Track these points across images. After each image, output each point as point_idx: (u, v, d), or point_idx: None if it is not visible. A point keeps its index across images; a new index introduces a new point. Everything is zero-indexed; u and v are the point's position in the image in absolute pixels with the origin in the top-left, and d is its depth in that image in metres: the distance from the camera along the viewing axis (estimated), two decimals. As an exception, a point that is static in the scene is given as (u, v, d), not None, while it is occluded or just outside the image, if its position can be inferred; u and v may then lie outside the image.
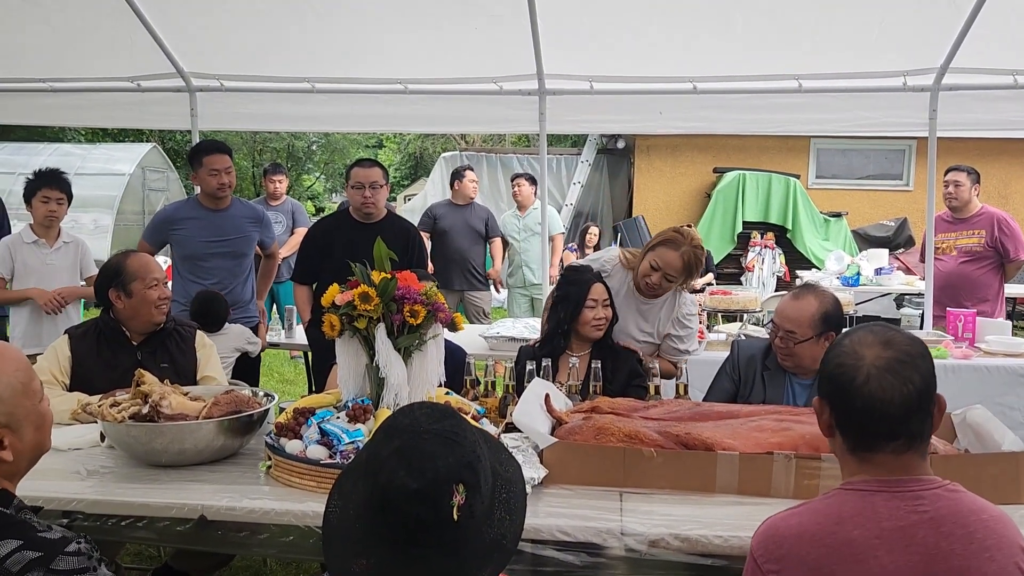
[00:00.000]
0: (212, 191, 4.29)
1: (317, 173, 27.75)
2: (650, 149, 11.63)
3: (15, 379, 1.44)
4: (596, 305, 3.08)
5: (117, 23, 4.69)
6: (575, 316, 3.08)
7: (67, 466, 2.34)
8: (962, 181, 5.07)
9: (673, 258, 3.24)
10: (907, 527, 1.38)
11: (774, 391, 2.90)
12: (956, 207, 5.12)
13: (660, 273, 3.27)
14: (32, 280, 4.39)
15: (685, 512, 2.06)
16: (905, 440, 1.43)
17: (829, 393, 1.49)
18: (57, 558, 1.33)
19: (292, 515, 2.05)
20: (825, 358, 1.52)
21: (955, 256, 5.10)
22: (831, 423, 1.50)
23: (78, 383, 2.90)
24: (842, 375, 1.45)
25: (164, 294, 3.04)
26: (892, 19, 4.31)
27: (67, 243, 4.51)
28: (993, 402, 3.97)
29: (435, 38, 4.74)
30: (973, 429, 2.40)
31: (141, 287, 2.97)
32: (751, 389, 2.96)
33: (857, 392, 1.42)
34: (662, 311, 3.44)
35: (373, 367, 2.34)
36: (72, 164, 13.59)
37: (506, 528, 1.27)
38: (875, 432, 1.43)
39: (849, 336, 1.51)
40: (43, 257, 4.42)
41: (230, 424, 2.35)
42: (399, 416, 1.28)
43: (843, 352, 1.47)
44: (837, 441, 1.51)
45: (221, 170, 4.24)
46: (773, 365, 2.94)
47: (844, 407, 1.46)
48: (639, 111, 5.12)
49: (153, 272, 3.03)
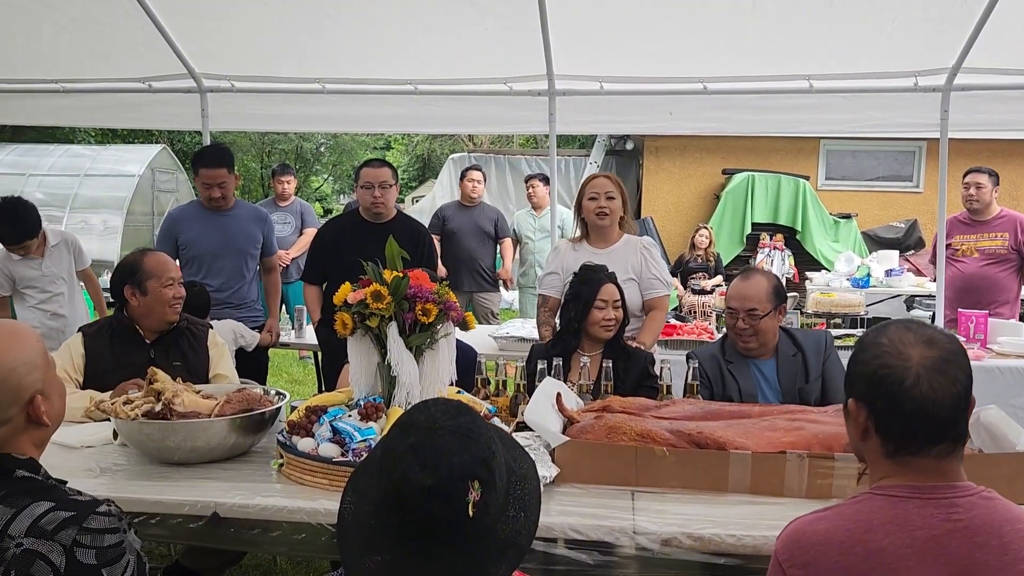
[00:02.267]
0: (205, 201, 4.35)
1: (325, 175, 27.83)
2: (659, 150, 11.62)
3: (41, 348, 1.49)
4: (606, 306, 3.07)
5: (128, 24, 4.70)
6: (584, 316, 3.08)
7: (80, 464, 2.35)
8: (984, 183, 4.99)
9: (602, 181, 3.66)
10: (940, 536, 1.33)
11: (745, 381, 2.97)
12: (976, 209, 5.04)
13: (599, 199, 3.59)
14: (34, 290, 4.48)
15: (697, 511, 2.05)
16: (950, 443, 1.39)
17: (871, 395, 1.41)
18: (89, 517, 1.38)
19: (304, 512, 2.05)
20: (860, 359, 1.44)
21: (976, 258, 5.02)
22: (867, 426, 1.43)
23: (91, 381, 2.92)
24: (888, 376, 1.38)
25: (179, 293, 3.06)
26: (903, 19, 4.28)
27: (55, 245, 4.55)
28: (1006, 403, 3.94)
29: (445, 39, 4.74)
30: (987, 429, 2.39)
31: (157, 285, 2.99)
32: (723, 386, 3.00)
33: (907, 394, 1.36)
34: (625, 252, 3.59)
35: (385, 365, 2.34)
36: (82, 165, 13.66)
37: (520, 525, 1.26)
38: (924, 436, 1.38)
39: (883, 335, 1.43)
40: (38, 267, 4.50)
41: (242, 422, 2.35)
42: (414, 412, 1.28)
43: (885, 352, 1.40)
44: (872, 444, 1.43)
45: (214, 184, 4.25)
46: (734, 356, 3.03)
47: (891, 410, 1.39)
48: (649, 112, 5.10)
49: (169, 271, 3.05)
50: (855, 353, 1.47)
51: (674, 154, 11.53)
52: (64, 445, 2.47)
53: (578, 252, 3.64)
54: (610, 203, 3.59)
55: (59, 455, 2.43)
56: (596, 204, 3.58)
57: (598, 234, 3.66)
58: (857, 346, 1.48)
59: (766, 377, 2.98)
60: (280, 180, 6.80)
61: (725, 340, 3.09)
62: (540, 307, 3.70)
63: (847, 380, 1.49)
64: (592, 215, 3.61)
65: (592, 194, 3.61)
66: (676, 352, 4.11)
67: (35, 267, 4.49)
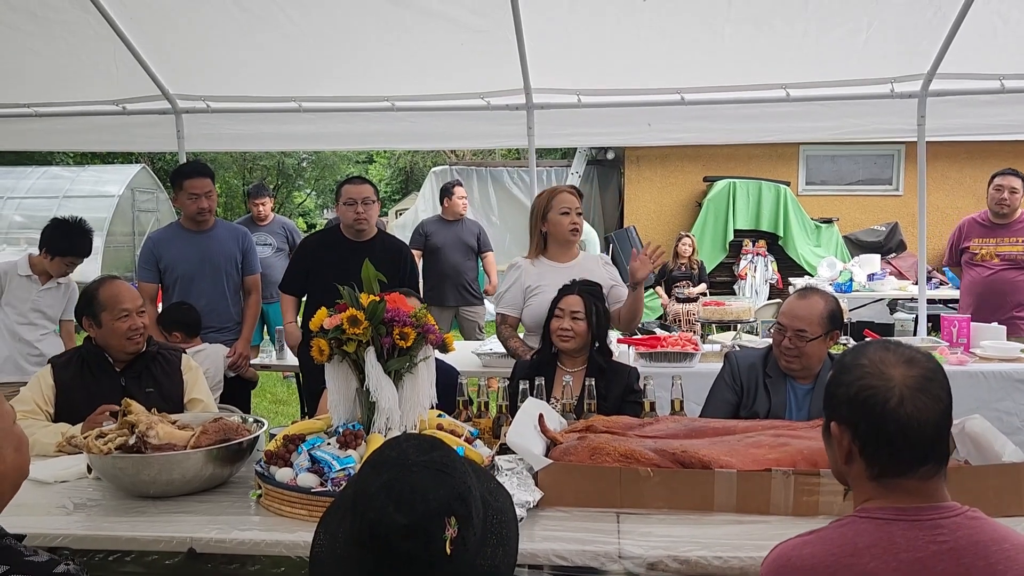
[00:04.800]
0: (192, 215, 4.27)
1: (308, 189, 27.72)
2: (640, 159, 11.64)
3: None
4: (563, 315, 3.07)
5: (100, 46, 4.67)
6: (548, 326, 3.09)
7: (53, 500, 2.30)
8: (1019, 188, 4.86)
9: (571, 197, 3.62)
10: (925, 558, 1.31)
11: (777, 398, 2.90)
12: (1005, 214, 4.90)
13: (571, 214, 3.58)
14: (12, 312, 4.35)
15: (683, 532, 2.02)
16: (934, 463, 1.37)
17: (854, 417, 1.39)
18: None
19: (283, 546, 2.00)
20: (841, 381, 1.41)
21: (997, 263, 4.92)
22: (851, 450, 1.40)
23: (63, 412, 2.86)
24: (871, 398, 1.36)
25: (135, 324, 2.95)
26: (878, 27, 4.31)
27: (59, 284, 4.43)
28: (989, 408, 3.95)
29: (421, 54, 4.72)
30: (972, 439, 2.37)
31: (110, 318, 2.92)
32: (754, 398, 2.95)
33: (891, 415, 1.35)
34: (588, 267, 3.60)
35: (364, 391, 2.30)
36: (61, 187, 13.57)
37: (499, 560, 1.24)
38: (910, 456, 1.36)
39: (863, 355, 1.41)
40: (31, 292, 4.38)
41: (219, 453, 2.30)
42: (386, 449, 1.25)
43: (867, 373, 1.38)
44: (856, 468, 1.41)
45: (201, 194, 4.21)
46: (774, 372, 2.94)
47: (875, 431, 1.37)
48: (627, 123, 5.10)
49: (122, 303, 2.94)
50: (835, 375, 1.45)
51: (655, 163, 11.56)
52: (37, 480, 2.41)
53: (538, 267, 3.62)
54: (579, 219, 3.61)
55: (32, 491, 2.37)
56: (569, 219, 3.57)
57: (564, 249, 3.64)
58: (836, 368, 1.46)
59: (798, 400, 2.89)
60: (255, 203, 6.70)
61: (770, 352, 2.99)
62: (500, 325, 3.69)
63: (828, 403, 1.46)
64: (566, 231, 3.59)
65: (564, 208, 3.58)
66: (660, 365, 4.08)
67: (29, 291, 4.35)
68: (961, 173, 10.78)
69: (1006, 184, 4.89)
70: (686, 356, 4.14)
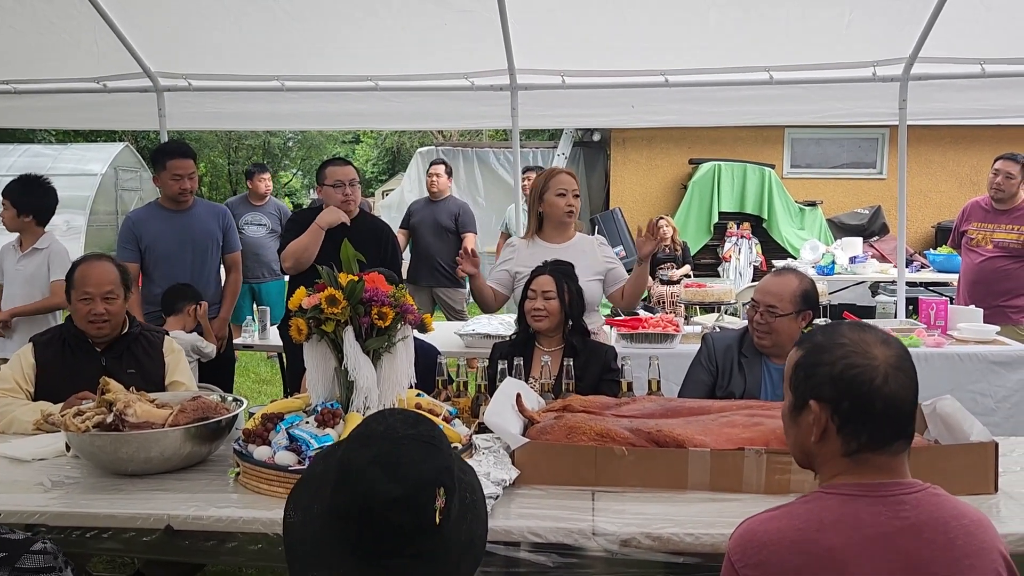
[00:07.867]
0: (174, 195, 4.24)
1: (294, 169, 27.58)
2: (625, 141, 11.64)
3: None
4: (536, 296, 3.11)
5: (81, 24, 4.62)
6: (522, 307, 3.15)
7: (31, 477, 2.30)
8: (1015, 174, 4.77)
9: (568, 178, 3.64)
10: (889, 534, 1.34)
11: (752, 378, 2.94)
12: (1002, 199, 4.84)
13: (567, 196, 3.60)
14: (5, 284, 4.38)
15: (657, 510, 2.05)
16: (905, 439, 1.41)
17: (838, 395, 1.40)
18: (22, 557, 1.33)
19: (260, 523, 2.02)
20: (820, 360, 1.42)
21: (991, 250, 4.87)
22: (828, 427, 1.41)
23: (43, 391, 2.84)
24: (859, 376, 1.38)
25: (96, 309, 2.85)
26: (861, 11, 4.32)
27: (37, 250, 4.36)
28: (965, 389, 4.00)
29: (405, 34, 4.70)
30: (943, 420, 2.41)
31: (75, 298, 2.89)
32: (729, 379, 2.98)
33: (878, 393, 1.37)
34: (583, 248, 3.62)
35: (342, 371, 2.31)
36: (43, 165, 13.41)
37: (475, 532, 1.27)
38: (891, 432, 1.40)
39: (842, 335, 1.43)
40: (13, 262, 4.37)
41: (197, 431, 2.31)
42: (372, 423, 1.26)
43: (852, 352, 1.40)
44: (829, 446, 1.43)
45: (184, 175, 4.19)
46: (750, 352, 2.99)
47: (860, 409, 1.39)
48: (611, 105, 5.11)
49: (85, 286, 2.86)
50: (810, 354, 1.45)
51: (641, 145, 11.55)
52: (15, 459, 2.42)
53: (533, 248, 3.64)
54: (576, 201, 3.63)
55: (10, 469, 2.38)
56: (565, 201, 3.60)
57: (559, 230, 3.67)
58: (810, 348, 1.46)
59: (773, 380, 2.93)
60: (260, 178, 6.74)
61: (745, 333, 3.04)
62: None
63: (804, 383, 1.45)
64: (561, 212, 3.61)
65: (560, 190, 3.61)
66: (641, 346, 4.10)
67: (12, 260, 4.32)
68: (944, 157, 10.84)
69: (1002, 169, 4.82)
70: (667, 337, 4.17)
